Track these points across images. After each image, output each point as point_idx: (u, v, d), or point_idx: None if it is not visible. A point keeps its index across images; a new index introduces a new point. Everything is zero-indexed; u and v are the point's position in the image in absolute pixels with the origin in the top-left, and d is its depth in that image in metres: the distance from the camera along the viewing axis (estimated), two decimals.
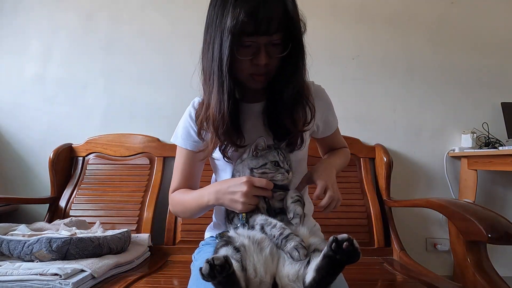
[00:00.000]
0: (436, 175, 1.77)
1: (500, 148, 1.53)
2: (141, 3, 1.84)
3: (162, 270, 1.26)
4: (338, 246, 0.55)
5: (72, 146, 1.71)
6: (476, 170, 1.66)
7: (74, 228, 1.30)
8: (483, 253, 0.99)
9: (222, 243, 0.68)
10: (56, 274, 0.93)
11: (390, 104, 1.81)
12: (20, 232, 1.23)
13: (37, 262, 1.05)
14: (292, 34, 0.73)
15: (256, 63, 0.74)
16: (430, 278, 1.13)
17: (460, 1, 1.84)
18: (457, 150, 1.72)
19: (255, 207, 0.74)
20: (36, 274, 0.94)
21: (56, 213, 1.56)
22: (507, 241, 0.85)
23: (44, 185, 1.70)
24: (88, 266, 1.02)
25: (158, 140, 1.72)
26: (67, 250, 1.07)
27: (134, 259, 1.26)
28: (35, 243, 1.06)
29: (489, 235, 0.85)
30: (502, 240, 0.86)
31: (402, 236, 1.51)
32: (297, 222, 0.71)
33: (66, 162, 1.67)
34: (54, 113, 1.80)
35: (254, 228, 0.71)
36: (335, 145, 1.04)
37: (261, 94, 0.85)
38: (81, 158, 1.69)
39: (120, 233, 1.25)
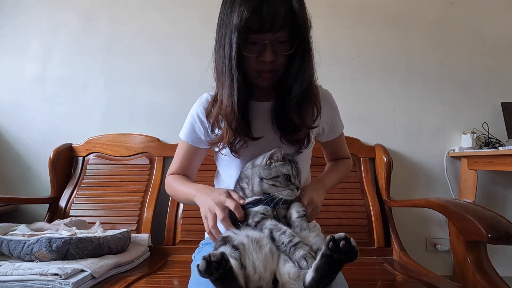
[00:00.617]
0: (436, 175, 1.77)
1: (500, 148, 1.53)
2: (141, 3, 1.84)
3: (162, 270, 1.26)
4: (335, 245, 0.56)
5: (72, 146, 1.71)
6: (476, 170, 1.66)
7: (74, 228, 1.30)
8: (483, 253, 0.99)
9: (221, 243, 0.68)
10: (56, 274, 0.93)
11: (390, 104, 1.81)
12: (20, 232, 1.23)
13: (37, 262, 1.05)
14: (298, 32, 0.74)
15: (262, 60, 0.76)
16: (430, 278, 1.13)
17: (460, 1, 1.84)
18: (457, 150, 1.72)
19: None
20: (36, 274, 0.94)
21: (56, 213, 1.56)
22: (507, 241, 0.85)
23: (44, 185, 1.70)
24: (88, 266, 1.02)
25: (158, 140, 1.72)
26: (67, 250, 1.07)
27: (134, 259, 1.26)
28: (35, 243, 1.06)
29: (489, 235, 0.86)
30: (502, 240, 0.86)
31: (402, 236, 1.51)
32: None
33: (66, 162, 1.67)
34: (54, 113, 1.80)
35: (262, 231, 0.70)
36: (338, 151, 1.06)
37: (270, 93, 0.87)
38: (81, 158, 1.69)
39: (120, 233, 1.25)
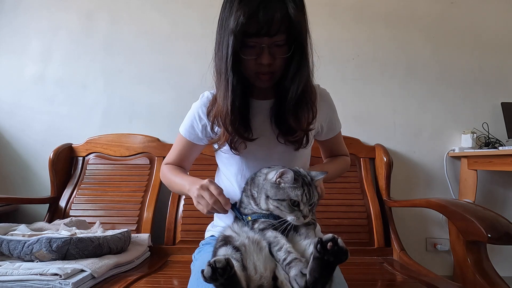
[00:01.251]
0: (436, 175, 1.77)
1: (500, 148, 1.53)
2: (141, 3, 1.84)
3: (162, 270, 1.26)
4: (323, 247, 0.56)
5: (72, 146, 1.71)
6: (476, 170, 1.66)
7: (74, 228, 1.30)
8: (483, 253, 0.99)
9: (222, 243, 0.68)
10: (56, 274, 0.93)
11: (390, 104, 1.81)
12: (20, 232, 1.23)
13: (37, 262, 1.05)
14: (294, 36, 0.76)
15: (259, 62, 0.78)
16: (430, 278, 1.13)
17: (460, 1, 1.84)
18: (457, 150, 1.72)
19: (205, 211, 0.77)
20: (36, 274, 0.94)
21: (56, 213, 1.56)
22: (507, 241, 0.85)
23: (44, 185, 1.70)
24: (88, 266, 1.02)
25: (158, 140, 1.72)
26: (67, 250, 1.07)
27: (134, 259, 1.26)
28: (35, 243, 1.06)
29: (489, 235, 0.86)
30: (502, 240, 0.86)
31: (402, 236, 1.51)
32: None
33: (66, 162, 1.67)
34: (54, 113, 1.80)
35: (263, 239, 0.70)
36: (336, 149, 1.07)
37: (270, 92, 0.88)
38: (81, 158, 1.69)
39: (120, 233, 1.25)
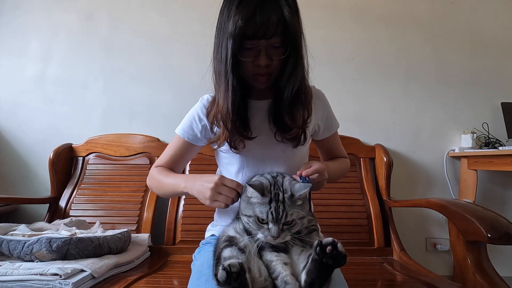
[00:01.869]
0: (436, 175, 1.77)
1: (500, 148, 1.53)
2: (141, 3, 1.84)
3: (162, 270, 1.26)
4: (322, 250, 0.57)
5: (72, 146, 1.71)
6: (476, 170, 1.66)
7: (74, 228, 1.30)
8: (483, 253, 0.99)
9: (226, 243, 0.68)
10: (56, 274, 0.93)
11: (390, 104, 1.81)
12: (20, 232, 1.23)
13: (37, 262, 1.05)
14: (289, 38, 0.79)
15: (257, 64, 0.80)
16: (430, 278, 1.13)
17: (460, 1, 1.84)
18: (457, 150, 1.72)
19: (224, 205, 0.76)
20: (36, 274, 0.94)
21: (56, 213, 1.56)
22: (507, 241, 0.85)
23: (44, 185, 1.70)
24: (88, 266, 1.02)
25: (158, 140, 1.72)
26: (67, 250, 1.07)
27: (134, 259, 1.26)
28: (35, 243, 1.06)
29: (489, 235, 0.86)
30: (502, 240, 0.86)
31: (402, 236, 1.51)
32: None
33: (66, 162, 1.67)
34: (54, 113, 1.80)
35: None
36: (334, 151, 1.07)
37: (268, 92, 0.90)
38: (81, 158, 1.69)
39: (120, 233, 1.25)
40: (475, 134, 1.72)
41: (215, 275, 0.55)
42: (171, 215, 1.52)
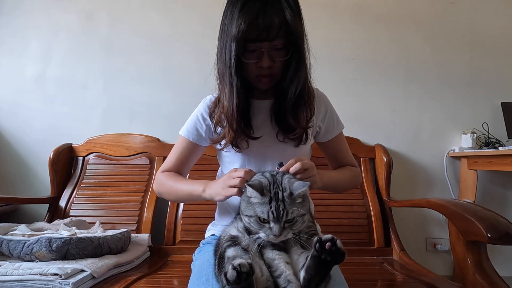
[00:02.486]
0: (436, 175, 1.77)
1: (500, 148, 1.53)
2: (141, 3, 1.84)
3: (162, 270, 1.26)
4: (322, 246, 0.58)
5: (72, 146, 1.71)
6: (476, 170, 1.66)
7: (74, 228, 1.30)
8: (483, 253, 0.99)
9: (229, 243, 0.68)
10: (56, 274, 0.93)
11: (390, 104, 1.81)
12: (20, 232, 1.23)
13: (37, 262, 1.05)
14: (291, 40, 0.80)
15: (260, 65, 0.82)
16: (430, 278, 1.13)
17: (460, 1, 1.84)
18: (457, 150, 1.72)
19: (237, 190, 0.73)
20: (36, 274, 0.94)
21: (56, 213, 1.56)
22: (507, 241, 0.85)
23: (44, 185, 1.70)
24: (88, 266, 1.02)
25: (158, 140, 1.72)
26: (67, 250, 1.07)
27: (134, 259, 1.26)
28: (35, 243, 1.06)
29: (489, 235, 0.86)
30: (502, 240, 0.86)
31: (402, 236, 1.51)
32: None
33: (66, 162, 1.67)
34: (54, 113, 1.80)
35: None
36: (341, 156, 1.03)
37: (270, 92, 0.91)
38: (81, 158, 1.69)
39: (120, 233, 1.25)
40: (475, 134, 1.72)
41: (225, 274, 0.55)
42: (171, 215, 1.52)
